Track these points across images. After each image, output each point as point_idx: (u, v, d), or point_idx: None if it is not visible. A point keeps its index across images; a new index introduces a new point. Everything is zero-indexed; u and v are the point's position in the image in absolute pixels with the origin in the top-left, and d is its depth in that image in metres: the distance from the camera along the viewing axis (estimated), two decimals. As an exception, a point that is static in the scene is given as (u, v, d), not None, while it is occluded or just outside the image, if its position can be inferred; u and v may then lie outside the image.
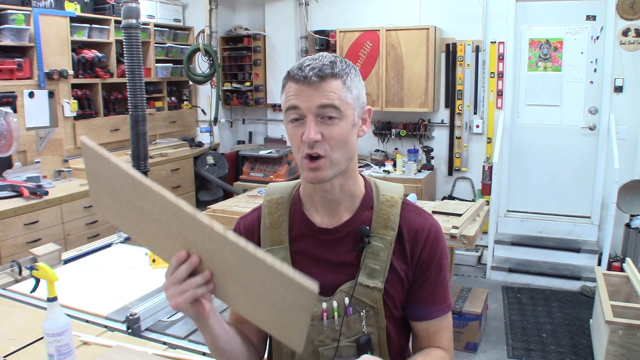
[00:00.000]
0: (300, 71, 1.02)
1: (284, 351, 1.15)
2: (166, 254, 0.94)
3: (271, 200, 1.18)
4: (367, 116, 1.11)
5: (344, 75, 1.03)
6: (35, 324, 1.60)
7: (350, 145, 1.06)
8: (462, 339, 3.38)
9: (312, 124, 1.01)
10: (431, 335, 1.14)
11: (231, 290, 0.92)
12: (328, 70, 1.01)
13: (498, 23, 4.68)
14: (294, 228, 1.15)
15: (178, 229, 0.89)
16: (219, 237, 0.85)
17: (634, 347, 2.74)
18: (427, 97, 4.71)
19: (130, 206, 0.92)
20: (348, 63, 1.06)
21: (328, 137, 1.02)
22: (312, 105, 1.01)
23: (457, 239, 3.03)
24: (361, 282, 1.09)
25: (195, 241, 0.88)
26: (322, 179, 1.05)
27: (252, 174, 5.22)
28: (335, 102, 1.01)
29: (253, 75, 5.53)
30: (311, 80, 1.00)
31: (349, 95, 1.03)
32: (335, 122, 1.02)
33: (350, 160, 1.08)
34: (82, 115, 4.28)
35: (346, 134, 1.04)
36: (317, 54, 1.07)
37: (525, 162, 4.87)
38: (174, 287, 0.91)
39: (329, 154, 1.03)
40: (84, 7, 4.30)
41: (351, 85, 1.04)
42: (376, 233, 1.10)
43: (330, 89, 1.01)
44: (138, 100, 3.11)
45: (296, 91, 1.02)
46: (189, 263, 0.90)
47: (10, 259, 2.24)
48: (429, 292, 1.13)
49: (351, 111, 1.04)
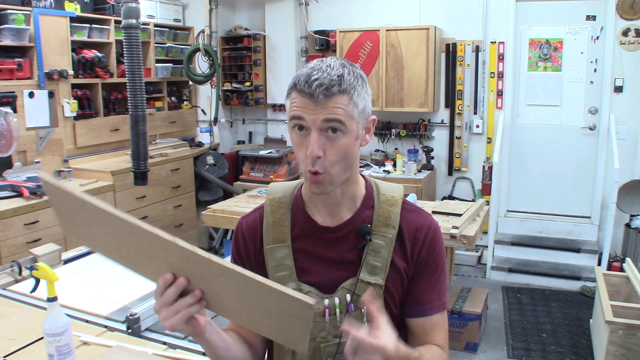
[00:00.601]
0: (307, 86, 1.00)
1: (284, 349, 1.15)
2: (152, 277, 0.92)
3: (273, 199, 1.20)
4: (372, 125, 1.11)
5: (351, 90, 1.02)
6: (35, 324, 1.60)
7: (350, 157, 1.06)
8: (462, 339, 3.38)
9: (315, 139, 1.01)
10: (427, 332, 1.15)
11: (225, 305, 0.91)
12: (336, 88, 0.99)
13: (498, 23, 4.69)
14: (296, 226, 1.17)
15: (160, 255, 0.87)
16: (204, 261, 0.84)
17: (634, 347, 2.74)
18: (427, 97, 4.71)
19: (106, 235, 0.90)
20: (356, 74, 1.04)
21: (330, 151, 1.02)
22: (317, 119, 1.00)
23: (457, 239, 3.03)
24: (363, 278, 1.11)
25: (180, 265, 0.87)
26: (322, 192, 1.07)
27: (252, 174, 5.22)
28: (340, 117, 1.01)
29: (253, 75, 5.53)
30: (318, 98, 0.99)
31: (355, 111, 1.03)
32: (338, 136, 1.02)
33: (350, 170, 1.09)
34: (82, 115, 4.27)
35: (348, 147, 1.04)
36: (325, 62, 1.04)
37: (525, 162, 4.87)
38: (165, 309, 0.90)
39: (328, 171, 1.04)
40: (84, 7, 4.29)
41: (358, 100, 1.03)
42: (377, 231, 1.12)
43: (336, 105, 1.00)
44: (138, 100, 3.11)
45: (301, 103, 1.01)
46: (177, 285, 0.88)
47: (10, 259, 2.24)
48: (424, 289, 1.15)
49: (355, 125, 1.04)
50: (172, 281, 0.89)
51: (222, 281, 0.86)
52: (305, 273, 1.13)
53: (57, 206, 0.95)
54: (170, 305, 0.89)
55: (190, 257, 0.84)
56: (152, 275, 0.92)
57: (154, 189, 4.34)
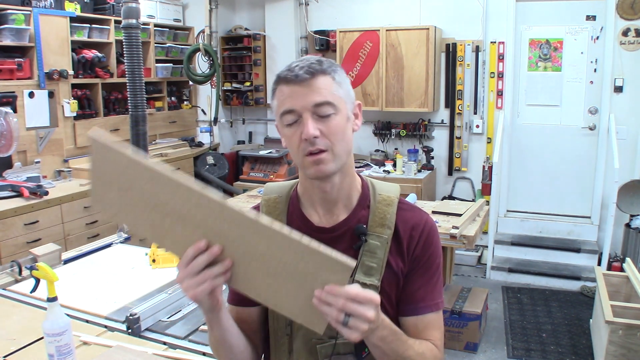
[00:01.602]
0: (289, 72, 1.04)
1: (281, 349, 1.15)
2: (179, 247, 0.92)
3: (269, 199, 1.20)
4: (359, 111, 1.13)
5: (332, 72, 1.05)
6: (35, 324, 1.61)
7: (347, 139, 1.08)
8: (462, 339, 3.39)
9: (309, 121, 1.02)
10: (420, 332, 1.13)
11: (252, 277, 0.91)
12: (317, 67, 1.03)
13: (498, 23, 4.69)
14: (292, 227, 1.15)
15: (200, 219, 0.88)
16: (251, 223, 0.85)
17: (634, 347, 2.74)
18: (427, 97, 4.71)
19: (142, 200, 0.91)
20: (333, 62, 1.09)
21: (327, 132, 1.03)
22: (307, 104, 1.02)
23: (457, 239, 3.03)
24: (358, 279, 1.09)
25: (220, 230, 0.88)
26: (326, 171, 1.05)
27: (252, 174, 5.23)
28: (328, 98, 1.03)
29: (253, 75, 5.53)
30: (302, 77, 1.02)
31: (340, 90, 1.06)
32: (331, 117, 1.04)
33: (349, 154, 1.10)
34: (82, 115, 4.28)
35: (343, 127, 1.06)
36: (301, 57, 1.09)
37: (525, 162, 4.87)
38: (189, 279, 0.90)
39: (330, 147, 1.04)
40: (84, 7, 4.30)
41: (341, 81, 1.06)
42: (373, 231, 1.12)
43: (322, 86, 1.03)
44: (138, 100, 3.11)
45: (289, 92, 1.03)
46: (210, 253, 0.89)
47: (10, 259, 2.24)
48: (418, 287, 1.13)
49: (344, 105, 1.06)
50: (204, 249, 0.89)
51: (264, 245, 0.86)
52: None
53: (97, 168, 0.95)
54: (196, 275, 0.90)
55: (235, 218, 0.85)
56: (180, 246, 0.91)
57: (154, 189, 4.34)
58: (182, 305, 1.85)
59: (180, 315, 1.79)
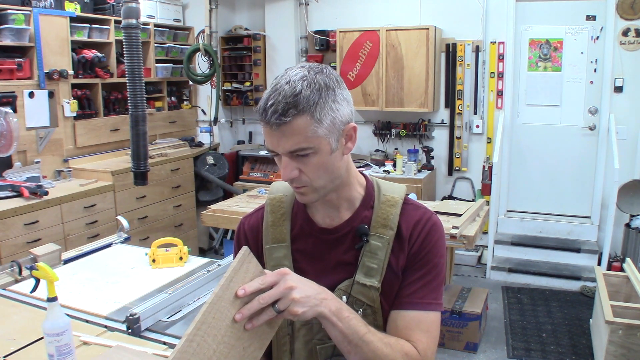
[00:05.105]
0: (264, 114, 0.98)
1: (283, 349, 1.16)
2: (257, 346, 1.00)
3: (274, 198, 1.20)
4: (353, 133, 1.06)
5: (310, 108, 0.96)
6: (35, 324, 1.60)
7: (332, 169, 1.05)
8: (462, 339, 3.39)
9: (286, 164, 1.02)
10: (400, 330, 1.07)
11: None
12: (292, 111, 0.95)
13: (498, 23, 4.68)
14: (296, 226, 1.17)
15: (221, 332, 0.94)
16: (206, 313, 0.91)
17: (634, 347, 2.74)
18: (427, 97, 4.71)
19: None
20: (319, 85, 0.98)
21: (305, 170, 1.03)
22: (282, 150, 1.01)
23: (457, 239, 3.03)
24: (358, 280, 1.09)
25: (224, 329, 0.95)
26: (309, 201, 1.09)
27: (252, 174, 5.23)
28: (302, 144, 0.98)
29: (253, 75, 5.53)
30: (273, 124, 0.97)
31: (319, 130, 0.98)
32: (310, 157, 1.01)
33: (337, 179, 1.08)
34: (82, 115, 4.27)
35: (324, 163, 1.02)
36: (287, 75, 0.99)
37: (525, 162, 4.87)
38: None
39: (310, 183, 1.04)
40: (84, 7, 4.29)
41: (321, 116, 0.97)
42: (375, 232, 1.11)
43: (296, 131, 0.97)
44: (138, 100, 3.10)
45: (265, 133, 1.02)
46: None
47: (10, 259, 2.24)
48: (409, 282, 1.09)
49: (325, 141, 1.00)
50: None
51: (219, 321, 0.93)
52: (303, 274, 1.12)
53: None
54: None
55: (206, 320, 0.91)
56: (255, 345, 0.98)
57: (154, 189, 4.34)
58: (182, 305, 1.85)
59: (180, 315, 1.79)
